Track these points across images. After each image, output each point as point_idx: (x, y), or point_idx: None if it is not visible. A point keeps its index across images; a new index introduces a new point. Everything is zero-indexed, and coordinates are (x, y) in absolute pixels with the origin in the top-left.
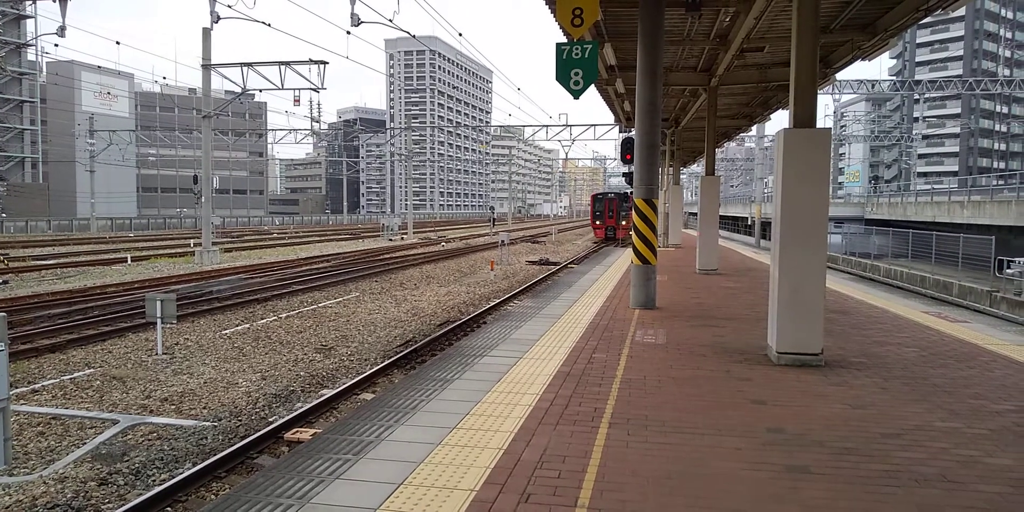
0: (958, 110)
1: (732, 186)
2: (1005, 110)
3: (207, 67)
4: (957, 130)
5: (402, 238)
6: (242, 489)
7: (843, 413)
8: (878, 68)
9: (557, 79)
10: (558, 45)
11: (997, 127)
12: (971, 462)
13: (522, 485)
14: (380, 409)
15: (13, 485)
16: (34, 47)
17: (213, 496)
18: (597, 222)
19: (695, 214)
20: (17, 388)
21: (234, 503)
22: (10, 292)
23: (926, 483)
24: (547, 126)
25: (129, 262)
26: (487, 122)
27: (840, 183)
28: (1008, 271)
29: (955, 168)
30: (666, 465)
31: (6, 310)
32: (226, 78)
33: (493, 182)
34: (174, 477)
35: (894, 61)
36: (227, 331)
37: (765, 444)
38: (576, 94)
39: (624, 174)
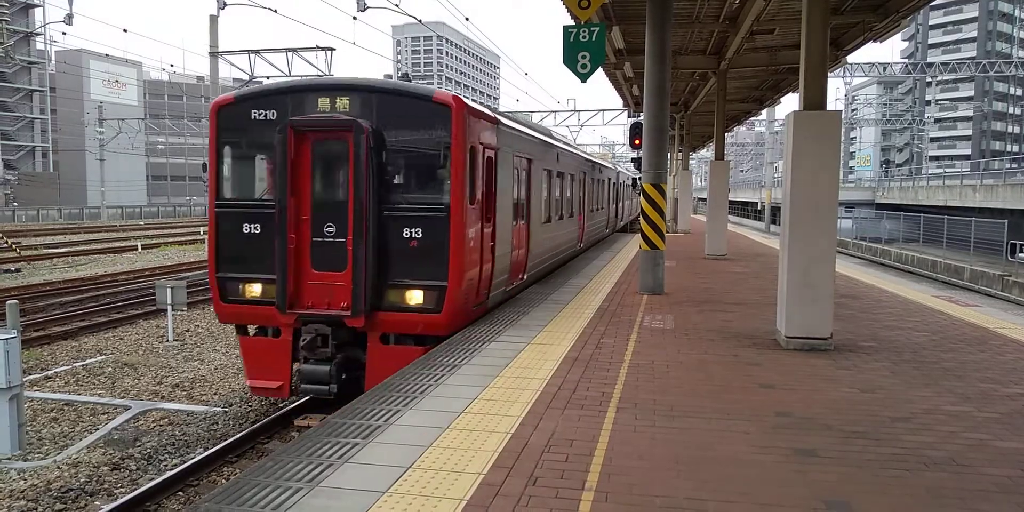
0: (971, 93)
1: (742, 171)
2: (1019, 92)
3: (215, 54)
4: (970, 113)
5: None
6: (252, 473)
7: (852, 397)
8: (890, 51)
9: (564, 62)
10: (565, 28)
11: (1011, 110)
12: (980, 445)
13: (530, 468)
14: (388, 393)
15: (28, 470)
16: (42, 36)
17: (224, 480)
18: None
19: (704, 199)
20: (31, 375)
21: (243, 487)
22: (23, 280)
23: (935, 466)
24: (555, 111)
25: (139, 250)
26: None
27: (851, 167)
28: (1021, 255)
29: (968, 152)
30: (674, 449)
31: (19, 298)
32: (233, 65)
33: None
34: (186, 462)
35: (906, 43)
36: None
37: (773, 428)
38: (583, 77)
39: (633, 159)
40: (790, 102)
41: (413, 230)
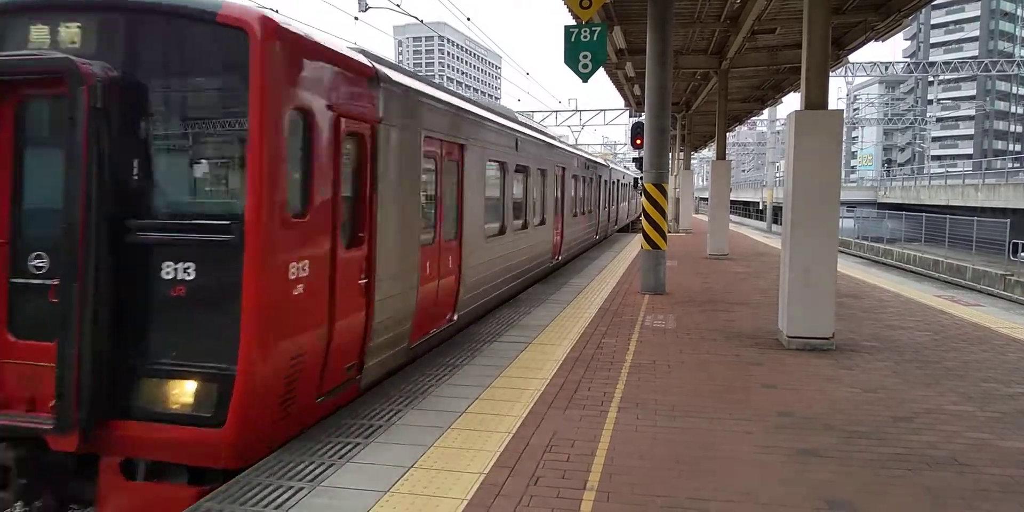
0: (973, 92)
1: (744, 170)
2: (1022, 92)
3: None
4: (972, 112)
5: None
6: (254, 472)
7: (854, 397)
8: (892, 50)
9: (566, 62)
10: (566, 28)
11: (1013, 109)
12: (982, 445)
13: (531, 468)
14: (389, 393)
15: None
16: None
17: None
18: None
19: (706, 199)
20: None
21: (246, 486)
22: None
23: (937, 466)
24: (556, 111)
25: None
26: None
27: (853, 167)
28: (1023, 255)
29: (970, 151)
30: (675, 449)
31: None
32: None
33: None
34: None
35: (908, 43)
36: None
37: (775, 428)
38: (585, 77)
39: (634, 159)
40: (792, 101)
41: (180, 266)
